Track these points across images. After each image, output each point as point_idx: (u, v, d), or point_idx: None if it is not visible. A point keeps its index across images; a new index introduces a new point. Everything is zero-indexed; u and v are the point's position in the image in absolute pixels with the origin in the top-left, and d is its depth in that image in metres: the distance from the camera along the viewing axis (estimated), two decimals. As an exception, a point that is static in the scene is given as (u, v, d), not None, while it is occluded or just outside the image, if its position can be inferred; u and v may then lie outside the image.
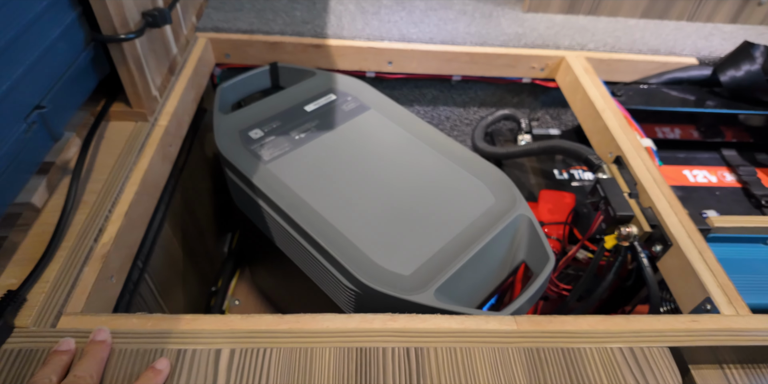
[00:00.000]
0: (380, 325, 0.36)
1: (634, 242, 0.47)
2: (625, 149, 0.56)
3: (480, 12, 0.82)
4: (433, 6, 0.81)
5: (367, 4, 0.80)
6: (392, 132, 0.59)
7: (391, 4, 0.81)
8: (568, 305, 0.52)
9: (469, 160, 0.56)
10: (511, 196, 0.52)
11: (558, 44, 0.75)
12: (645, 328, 0.37)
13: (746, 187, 0.69)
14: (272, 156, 0.54)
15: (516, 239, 0.50)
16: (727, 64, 0.75)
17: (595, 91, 0.66)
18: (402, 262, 0.44)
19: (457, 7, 0.82)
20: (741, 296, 0.45)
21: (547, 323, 0.37)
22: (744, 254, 0.53)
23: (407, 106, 0.80)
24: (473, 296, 0.47)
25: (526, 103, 0.81)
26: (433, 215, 0.49)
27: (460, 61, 0.73)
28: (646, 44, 0.78)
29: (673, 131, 0.77)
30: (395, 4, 0.81)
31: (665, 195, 0.51)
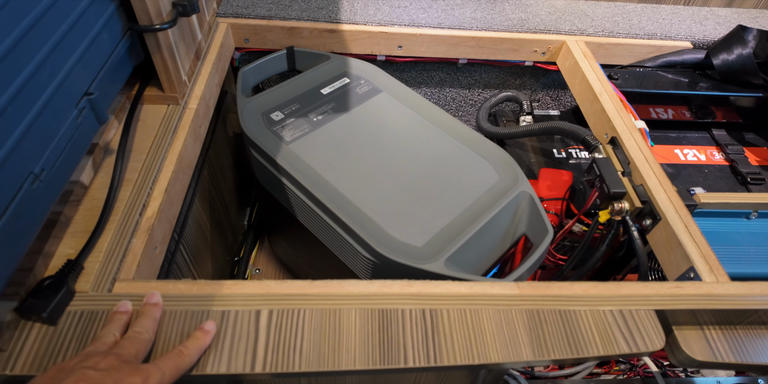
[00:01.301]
0: (398, 289, 0.38)
1: (626, 217, 0.49)
2: (620, 130, 0.57)
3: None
4: (440, -9, 0.80)
5: (377, -10, 0.79)
6: (403, 114, 0.60)
7: (400, -10, 0.80)
8: (564, 274, 0.55)
9: (474, 141, 0.57)
10: (514, 174, 0.54)
11: (559, 29, 0.74)
12: (633, 292, 0.39)
13: (733, 165, 0.70)
14: (294, 137, 0.56)
15: (518, 214, 0.52)
16: (720, 48, 0.75)
17: (593, 74, 0.66)
18: (415, 234, 0.46)
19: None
20: (722, 266, 0.47)
21: (546, 288, 0.39)
22: (728, 228, 0.55)
23: (415, 88, 0.80)
24: (479, 265, 0.50)
25: (527, 85, 0.81)
26: (443, 191, 0.51)
27: (467, 45, 0.73)
28: (643, 29, 0.77)
29: (666, 112, 0.77)
30: (404, -11, 0.80)
31: (656, 173, 0.52)
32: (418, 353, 0.34)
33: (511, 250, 0.54)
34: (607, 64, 0.77)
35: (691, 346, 0.40)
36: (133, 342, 0.30)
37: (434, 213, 0.48)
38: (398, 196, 0.50)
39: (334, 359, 0.33)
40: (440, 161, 0.54)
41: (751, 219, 0.55)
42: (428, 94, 0.82)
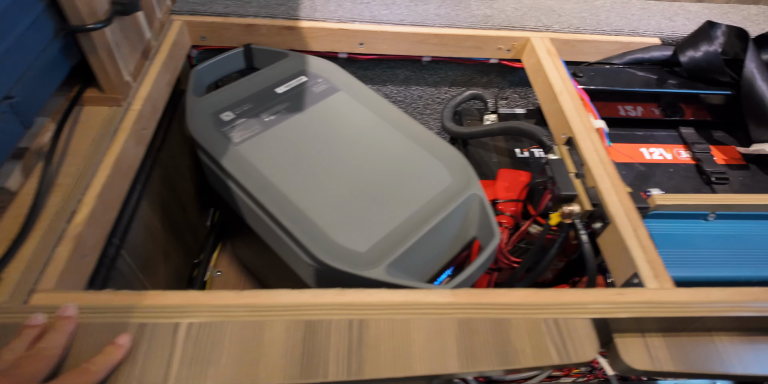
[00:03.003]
0: (329, 299, 0.37)
1: (576, 220, 0.48)
2: (576, 131, 0.56)
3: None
4: (405, -13, 0.78)
5: (341, -14, 0.77)
6: (359, 114, 0.59)
7: (364, -15, 0.77)
8: (517, 277, 0.53)
9: (430, 142, 0.56)
10: (467, 176, 0.52)
11: (524, 25, 0.72)
12: (572, 300, 0.38)
13: (699, 164, 0.69)
14: (242, 138, 0.54)
15: (469, 217, 0.51)
16: (687, 44, 0.73)
17: (555, 73, 0.65)
18: (359, 239, 0.45)
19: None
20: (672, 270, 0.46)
21: (483, 296, 0.38)
22: (684, 230, 0.54)
23: (380, 86, 0.79)
24: (426, 270, 0.48)
25: (494, 82, 0.79)
26: (393, 194, 0.50)
27: (430, 43, 0.71)
28: (611, 25, 0.76)
29: (635, 109, 0.76)
30: (369, -15, 0.78)
31: (609, 175, 0.51)
32: (340, 367, 0.33)
33: (464, 253, 0.53)
34: (574, 61, 0.75)
35: (630, 355, 0.39)
36: (35, 360, 0.29)
37: (382, 217, 0.47)
38: (346, 199, 0.48)
39: (251, 374, 0.32)
40: (394, 163, 0.53)
41: (708, 221, 0.54)
42: (394, 93, 0.80)
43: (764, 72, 0.70)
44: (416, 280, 0.46)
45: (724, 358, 0.39)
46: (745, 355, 0.40)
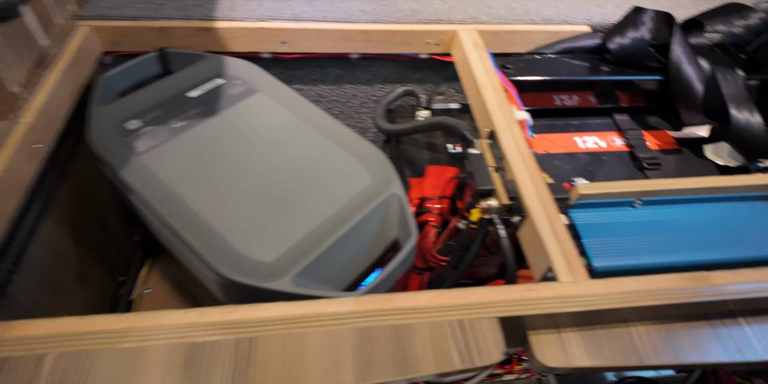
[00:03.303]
0: (218, 317, 0.34)
1: (493, 215, 0.47)
2: (497, 124, 0.55)
3: (379, -12, 0.77)
4: (331, -17, 0.76)
5: (262, -16, 0.74)
6: (277, 115, 0.57)
7: (288, -17, 0.75)
8: (444, 275, 0.52)
9: (351, 141, 0.54)
10: (386, 175, 0.51)
11: (451, 18, 0.71)
12: (479, 300, 0.37)
13: (632, 151, 0.69)
14: (148, 147, 0.51)
15: (389, 217, 0.49)
16: (615, 31, 0.73)
17: (480, 66, 0.64)
18: (267, 249, 0.43)
19: (357, -17, 0.77)
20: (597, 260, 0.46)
21: (387, 301, 0.36)
22: (611, 218, 0.53)
23: (312, 86, 0.76)
24: (344, 275, 0.46)
25: (429, 78, 0.78)
26: (308, 198, 0.48)
27: (355, 40, 0.69)
28: (540, 14, 0.75)
29: (571, 98, 0.75)
30: (292, -18, 0.75)
31: (528, 167, 0.50)
32: (222, 390, 0.30)
33: (389, 255, 0.51)
34: (504, 53, 0.74)
35: (544, 353, 0.37)
36: None
37: (293, 223, 0.45)
38: (256, 207, 0.46)
39: (122, 405, 0.29)
40: (311, 165, 0.51)
41: (635, 207, 0.54)
42: (327, 92, 0.78)
43: (690, 56, 0.70)
44: (332, 286, 0.44)
45: (640, 349, 0.39)
46: (661, 344, 0.39)
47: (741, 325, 0.41)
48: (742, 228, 0.53)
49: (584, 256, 0.49)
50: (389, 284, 0.44)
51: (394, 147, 0.68)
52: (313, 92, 0.77)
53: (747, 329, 0.41)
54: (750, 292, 0.40)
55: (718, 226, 0.53)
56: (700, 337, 0.40)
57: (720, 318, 0.42)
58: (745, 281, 0.41)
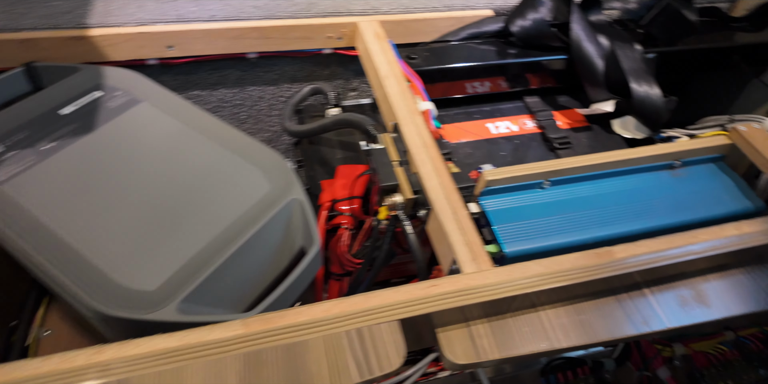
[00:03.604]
0: (83, 361, 0.31)
1: (399, 211, 0.45)
2: (400, 116, 0.54)
3: (274, -18, 0.73)
4: (221, -21, 0.72)
5: (143, -16, 0.69)
6: (164, 125, 0.52)
7: (173, -18, 0.70)
8: (359, 278, 0.50)
9: (246, 147, 0.51)
10: (286, 180, 0.48)
11: (351, 10, 0.69)
12: (379, 303, 0.35)
13: (543, 132, 0.70)
14: (11, 174, 0.45)
15: (292, 225, 0.46)
16: (516, 14, 0.74)
17: (381, 57, 0.62)
18: (149, 275, 0.39)
19: (249, -22, 0.73)
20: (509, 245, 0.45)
21: (279, 319, 0.34)
22: (520, 202, 0.53)
23: (211, 91, 0.72)
24: (244, 294, 0.43)
25: (338, 74, 0.76)
26: (198, 215, 0.44)
27: (250, 38, 0.65)
28: (442, 1, 0.74)
29: (483, 85, 0.75)
30: (178, -19, 0.70)
31: (431, 159, 0.49)
32: (83, 445, 0.27)
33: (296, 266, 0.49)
34: (411, 43, 0.73)
35: (453, 350, 0.36)
36: None
37: (180, 244, 0.41)
38: (138, 229, 0.42)
39: None
40: (202, 177, 0.47)
41: (544, 189, 0.54)
42: (230, 96, 0.74)
43: (590, 34, 0.72)
44: (230, 308, 0.41)
45: (550, 333, 0.38)
46: (570, 325, 0.39)
47: (646, 296, 0.42)
48: (647, 199, 0.55)
49: (496, 243, 0.48)
50: (294, 297, 0.41)
51: (306, 148, 0.65)
52: (214, 97, 0.73)
53: (652, 299, 0.42)
54: (651, 261, 0.41)
55: (625, 199, 0.54)
56: (608, 313, 0.40)
57: (627, 291, 0.42)
58: (645, 252, 0.42)
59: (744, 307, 0.42)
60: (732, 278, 0.44)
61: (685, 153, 0.58)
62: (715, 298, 0.42)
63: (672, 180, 0.57)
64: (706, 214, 0.53)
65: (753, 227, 0.45)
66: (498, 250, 0.48)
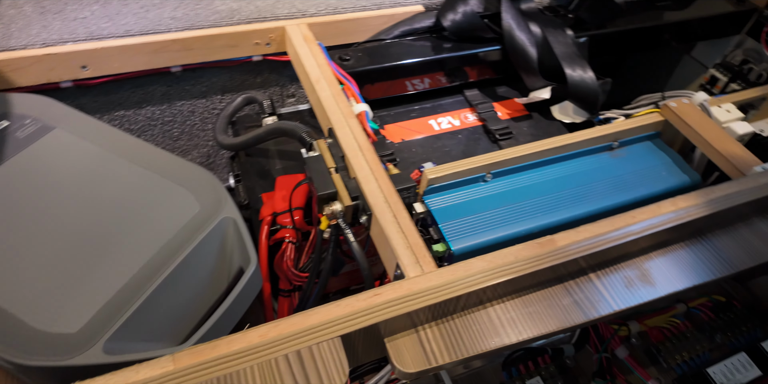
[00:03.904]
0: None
1: (339, 219, 0.44)
2: (334, 120, 0.52)
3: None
4: (136, -9, 0.69)
5: (49, 3, 0.65)
6: (80, 151, 0.49)
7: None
8: (307, 293, 0.49)
9: (172, 167, 0.48)
10: (217, 198, 0.46)
11: (276, 14, 0.67)
12: (319, 321, 0.34)
13: (485, 124, 0.70)
14: None
15: (227, 245, 0.44)
16: (446, 7, 0.74)
17: (311, 61, 0.61)
18: (71, 316, 0.36)
19: (166, -12, 0.70)
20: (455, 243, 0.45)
21: (211, 350, 0.32)
22: (465, 197, 0.53)
23: (136, 110, 0.68)
24: (181, 324, 0.41)
25: (271, 81, 0.74)
26: (122, 244, 0.41)
27: (172, 51, 0.63)
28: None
29: (423, 82, 0.75)
30: (88, -4, 0.67)
31: (369, 162, 0.47)
32: None
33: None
34: (344, 44, 0.72)
35: (403, 358, 0.35)
36: None
37: (103, 279, 0.39)
38: (55, 268, 0.39)
39: None
40: (125, 203, 0.44)
41: (487, 182, 0.54)
42: (158, 113, 0.70)
43: (521, 22, 0.72)
44: (166, 340, 0.39)
45: (500, 328, 0.38)
46: (519, 318, 0.39)
47: (593, 281, 0.42)
48: (589, 182, 0.55)
49: (444, 242, 0.48)
50: (233, 322, 0.40)
51: (243, 161, 0.63)
52: (141, 116, 0.69)
53: (598, 283, 0.42)
54: (594, 246, 0.41)
55: (568, 184, 0.55)
56: (556, 302, 0.40)
57: (573, 278, 0.42)
58: (587, 237, 0.42)
59: (687, 281, 0.43)
60: (673, 254, 0.45)
61: (622, 133, 0.59)
62: (659, 275, 0.43)
63: (612, 161, 0.58)
64: (646, 192, 0.55)
65: (688, 201, 0.46)
66: (446, 249, 0.47)
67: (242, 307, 0.40)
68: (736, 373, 0.50)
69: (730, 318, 0.57)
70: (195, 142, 0.75)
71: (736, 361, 0.51)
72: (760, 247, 0.45)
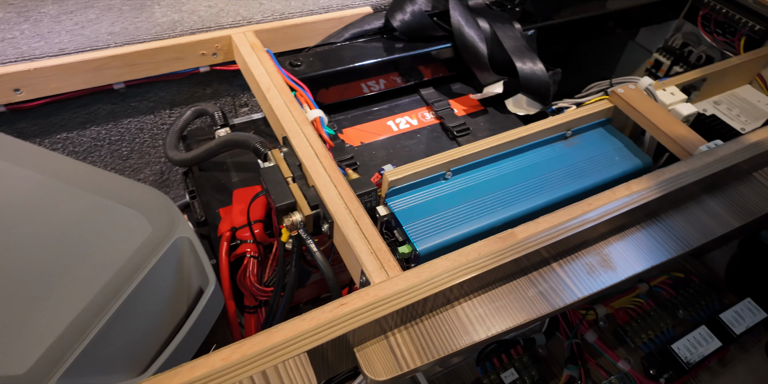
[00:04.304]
0: None
1: (300, 230, 0.43)
2: (288, 128, 0.51)
3: (131, 4, 0.68)
4: (68, 8, 0.66)
5: (-28, 23, 0.61)
6: (17, 180, 0.46)
7: (9, 17, 0.63)
8: (273, 308, 0.48)
9: (120, 188, 0.46)
10: (169, 218, 0.44)
11: (221, 23, 0.66)
12: (284, 338, 0.33)
13: (442, 122, 0.70)
14: None
15: (184, 266, 0.43)
16: (394, 8, 0.74)
17: (260, 68, 0.59)
18: (18, 357, 0.34)
19: (102, 3, 0.68)
20: (420, 243, 0.45)
21: (172, 378, 0.30)
22: (427, 197, 0.53)
23: (80, 131, 0.66)
24: (142, 352, 0.39)
25: (222, 91, 0.72)
26: (71, 275, 0.39)
27: (113, 67, 0.60)
28: (317, 2, 0.73)
29: (378, 83, 0.75)
30: (16, 15, 0.63)
31: (327, 169, 0.47)
32: None
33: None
34: (294, 50, 0.71)
35: (374, 366, 0.35)
36: None
37: (53, 312, 0.37)
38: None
39: None
40: (70, 231, 0.42)
41: (448, 179, 0.54)
42: (104, 133, 0.68)
43: (469, 18, 0.73)
44: (126, 370, 0.37)
45: (468, 326, 0.38)
46: (487, 314, 0.39)
47: (555, 270, 0.43)
48: (546, 172, 0.57)
49: (409, 243, 0.48)
50: (196, 345, 0.38)
51: (198, 177, 0.61)
52: (87, 137, 0.66)
53: (561, 272, 0.43)
54: (554, 236, 0.42)
55: (526, 176, 0.56)
56: (522, 294, 0.41)
57: (536, 269, 0.43)
58: (547, 228, 0.43)
59: (646, 263, 0.44)
60: (631, 237, 0.46)
61: (575, 122, 0.61)
62: (619, 259, 0.44)
63: (566, 150, 0.60)
64: (602, 178, 0.56)
65: (641, 185, 0.47)
66: (411, 250, 0.47)
67: (204, 330, 0.39)
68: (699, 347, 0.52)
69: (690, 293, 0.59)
70: (146, 160, 0.72)
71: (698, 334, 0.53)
72: (711, 224, 0.47)
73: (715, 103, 0.72)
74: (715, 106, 0.71)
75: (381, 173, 0.51)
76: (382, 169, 0.55)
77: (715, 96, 0.73)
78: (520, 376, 0.53)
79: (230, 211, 0.53)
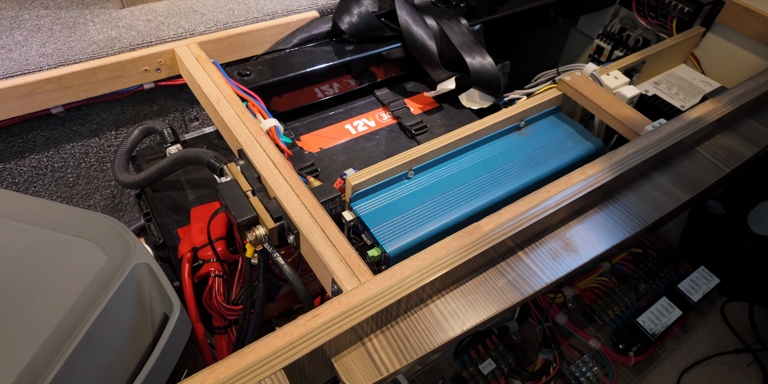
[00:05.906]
0: None
1: (265, 244, 0.42)
2: (243, 140, 0.50)
3: (61, 23, 0.65)
4: (-9, 30, 0.62)
5: None
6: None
7: (-75, 43, 0.59)
8: (243, 326, 0.46)
9: (67, 218, 0.44)
10: (125, 244, 0.42)
11: (162, 37, 0.63)
12: (258, 357, 0.32)
13: (399, 122, 0.71)
14: None
15: (144, 292, 0.41)
16: (341, 11, 0.73)
17: (207, 80, 0.58)
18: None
19: (29, 23, 0.64)
20: (388, 245, 0.44)
21: (143, 412, 0.29)
22: (392, 197, 0.53)
23: (18, 160, 0.62)
24: (111, 379, 0.37)
25: (170, 106, 0.70)
26: (21, 316, 0.37)
27: (47, 91, 0.57)
28: (262, 10, 0.72)
29: (332, 87, 0.74)
30: (-68, 41, 0.59)
31: (287, 179, 0.46)
32: None
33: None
34: (242, 59, 0.70)
35: (353, 375, 0.35)
36: None
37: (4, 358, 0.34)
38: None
39: None
40: (16, 269, 0.40)
41: (410, 178, 0.55)
42: (45, 160, 0.64)
43: (416, 17, 0.74)
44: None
45: (443, 323, 0.38)
46: (460, 308, 0.39)
47: (522, 259, 0.44)
48: (504, 163, 0.58)
49: (378, 246, 0.48)
50: (166, 374, 0.37)
51: (151, 198, 0.59)
52: (26, 166, 0.63)
53: (527, 260, 0.44)
54: (517, 226, 0.43)
55: (485, 169, 0.57)
56: (492, 286, 0.41)
57: (504, 259, 0.44)
58: (510, 218, 0.43)
59: (606, 243, 0.46)
60: (590, 219, 0.48)
61: (526, 112, 0.62)
62: (581, 242, 0.46)
63: (521, 140, 0.61)
64: (558, 164, 0.58)
65: (595, 168, 0.49)
66: (381, 253, 0.47)
67: (173, 357, 0.37)
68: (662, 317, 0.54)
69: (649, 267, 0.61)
70: (95, 185, 0.69)
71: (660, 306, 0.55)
72: (663, 200, 0.49)
73: (655, 84, 0.75)
74: (656, 87, 0.75)
75: (343, 178, 0.51)
76: (344, 174, 0.54)
77: (654, 77, 0.77)
78: (497, 365, 0.54)
79: (189, 231, 0.51)
